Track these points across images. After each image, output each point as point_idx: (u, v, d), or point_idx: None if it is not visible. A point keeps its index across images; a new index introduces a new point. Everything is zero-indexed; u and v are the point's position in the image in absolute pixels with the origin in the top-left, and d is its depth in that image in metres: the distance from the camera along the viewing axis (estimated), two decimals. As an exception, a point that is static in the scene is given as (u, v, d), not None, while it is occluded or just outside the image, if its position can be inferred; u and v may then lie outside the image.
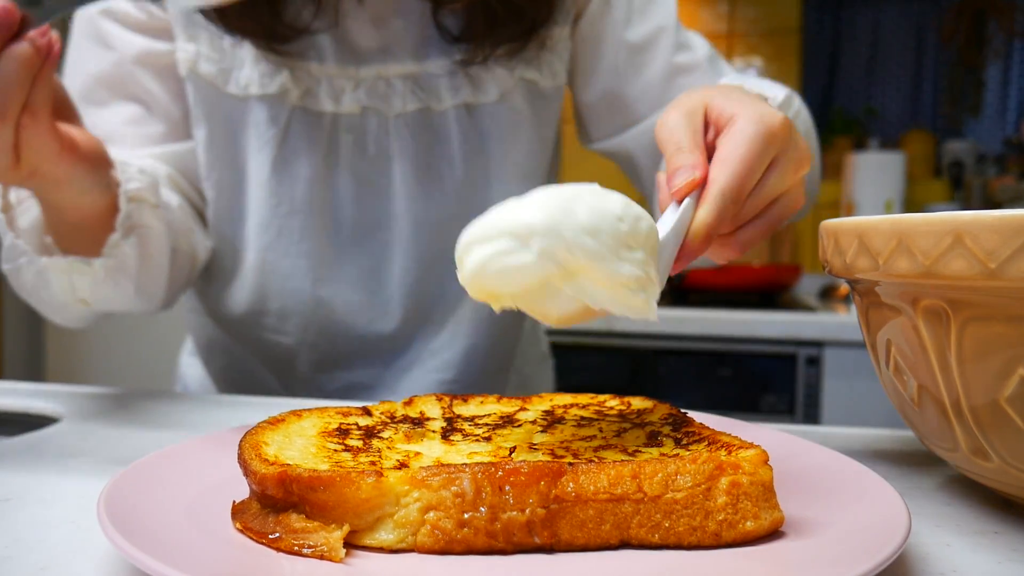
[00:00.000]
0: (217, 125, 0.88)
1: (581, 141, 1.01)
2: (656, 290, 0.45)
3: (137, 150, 0.87)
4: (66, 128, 0.66)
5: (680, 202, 0.53)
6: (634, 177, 0.99)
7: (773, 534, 0.38)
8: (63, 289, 0.75)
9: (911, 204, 2.83)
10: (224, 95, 0.86)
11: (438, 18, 0.85)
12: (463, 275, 0.43)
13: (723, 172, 0.53)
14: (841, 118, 3.18)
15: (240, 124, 0.87)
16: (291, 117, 0.86)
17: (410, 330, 0.94)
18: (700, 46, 0.94)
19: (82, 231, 0.74)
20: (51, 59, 0.59)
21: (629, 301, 0.43)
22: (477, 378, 0.96)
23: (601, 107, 0.95)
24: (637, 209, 0.44)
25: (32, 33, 0.58)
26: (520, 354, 1.04)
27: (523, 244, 0.41)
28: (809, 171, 0.65)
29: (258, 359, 0.97)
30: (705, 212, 0.53)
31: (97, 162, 0.70)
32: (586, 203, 0.42)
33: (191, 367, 1.07)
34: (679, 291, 2.40)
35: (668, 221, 0.53)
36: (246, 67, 0.85)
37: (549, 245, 0.40)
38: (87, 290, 0.75)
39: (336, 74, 0.86)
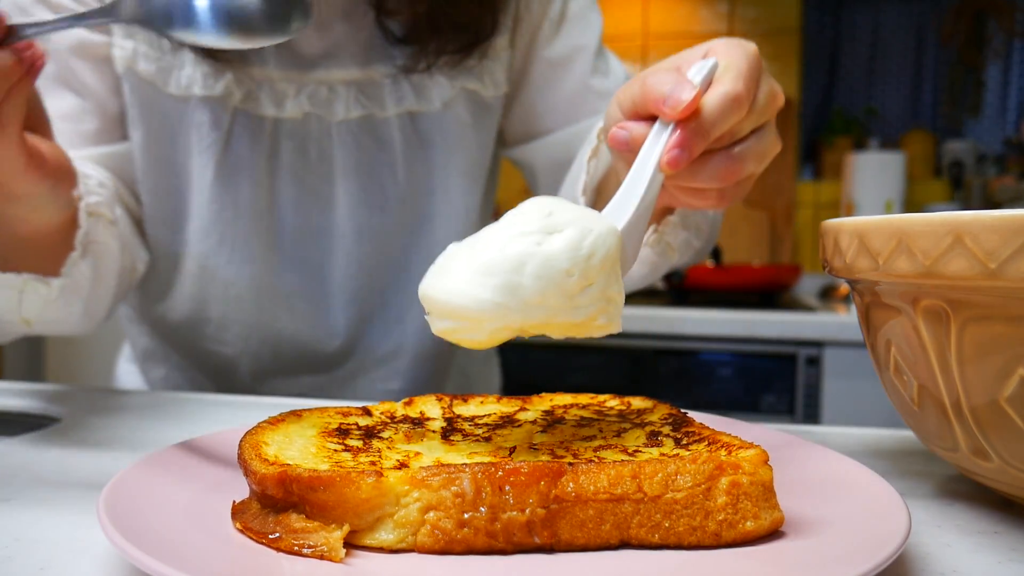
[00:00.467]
0: (154, 126, 0.84)
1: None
2: (618, 305, 0.46)
3: (73, 151, 0.83)
4: (35, 142, 0.62)
5: (678, 123, 0.52)
6: (534, 189, 0.98)
7: (773, 534, 0.38)
8: (8, 308, 0.70)
9: (911, 204, 2.84)
10: (163, 95, 0.83)
11: (381, 21, 0.84)
12: (434, 332, 0.45)
13: (729, 75, 0.54)
14: (841, 118, 3.18)
15: (179, 126, 0.84)
16: (234, 120, 0.83)
17: (354, 338, 0.92)
18: (618, 73, 0.93)
19: (27, 247, 0.70)
20: (32, 72, 0.56)
21: (590, 331, 0.45)
22: (423, 385, 0.95)
23: (513, 116, 0.95)
24: (588, 247, 0.44)
25: (18, 44, 0.55)
26: (462, 353, 1.03)
27: (474, 327, 0.43)
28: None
29: (197, 369, 0.95)
30: (720, 89, 0.52)
31: (61, 178, 0.66)
32: (532, 269, 0.42)
33: (129, 375, 1.04)
34: (679, 291, 2.40)
35: (654, 153, 0.53)
36: (187, 67, 0.82)
37: (499, 325, 0.43)
38: (35, 310, 0.71)
39: (278, 79, 0.84)
